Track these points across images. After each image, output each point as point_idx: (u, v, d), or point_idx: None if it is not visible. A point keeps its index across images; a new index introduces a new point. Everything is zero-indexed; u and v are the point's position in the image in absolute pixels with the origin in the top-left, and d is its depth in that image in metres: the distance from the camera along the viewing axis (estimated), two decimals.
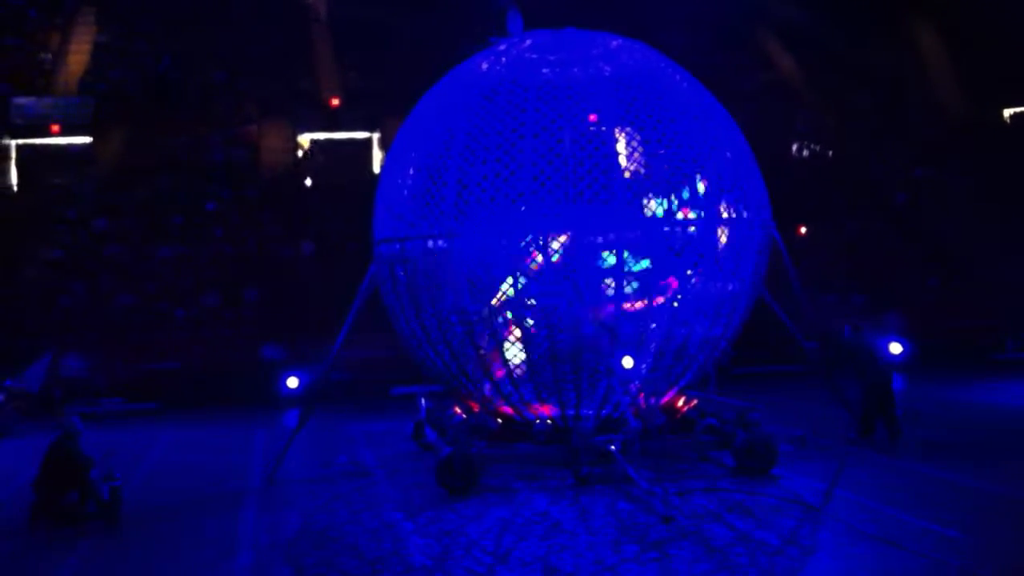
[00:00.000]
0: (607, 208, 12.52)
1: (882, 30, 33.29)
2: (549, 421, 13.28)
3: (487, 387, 13.33)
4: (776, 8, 32.47)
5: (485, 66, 13.80)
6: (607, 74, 13.37)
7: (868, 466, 13.01)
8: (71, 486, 11.60)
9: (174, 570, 10.13)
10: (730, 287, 13.13)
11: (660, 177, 12.80)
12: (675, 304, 12.82)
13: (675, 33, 29.25)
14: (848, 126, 32.84)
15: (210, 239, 27.58)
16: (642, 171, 12.83)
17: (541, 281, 12.67)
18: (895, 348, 22.42)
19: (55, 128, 31.07)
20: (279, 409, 19.78)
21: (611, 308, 12.65)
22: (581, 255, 12.62)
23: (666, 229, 12.74)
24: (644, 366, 12.95)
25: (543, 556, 9.78)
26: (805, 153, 33.75)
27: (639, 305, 12.71)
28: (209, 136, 30.90)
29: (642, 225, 12.65)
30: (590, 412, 13.15)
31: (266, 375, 21.32)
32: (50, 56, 32.25)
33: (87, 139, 31.00)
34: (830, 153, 33.55)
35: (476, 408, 14.02)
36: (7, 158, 31.03)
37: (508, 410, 13.61)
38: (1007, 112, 34.96)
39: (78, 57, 32.15)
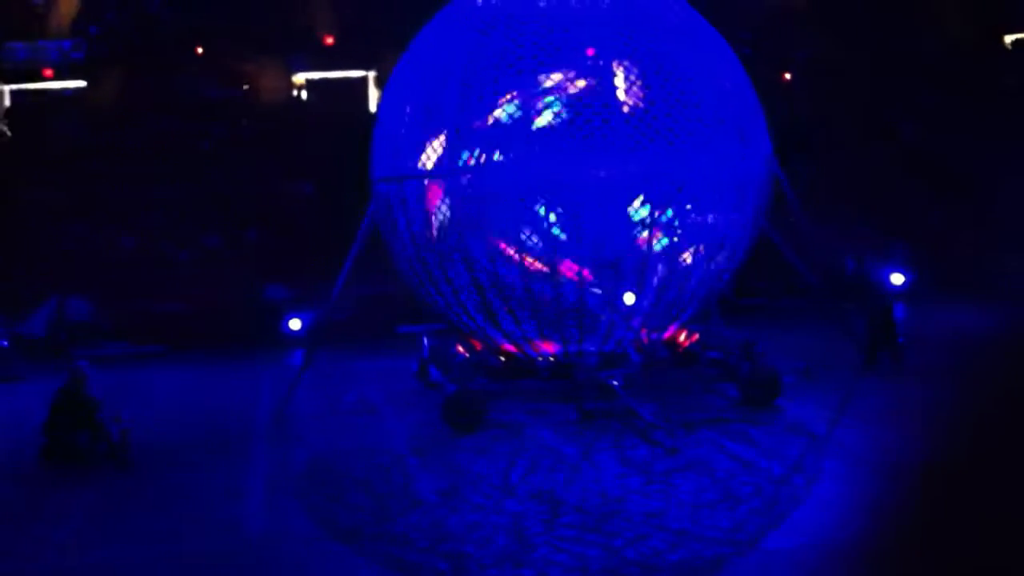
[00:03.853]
0: (607, 143, 12.42)
1: None
2: (552, 359, 13.32)
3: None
4: None
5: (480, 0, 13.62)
6: (605, 5, 13.19)
7: (871, 394, 13.08)
8: (81, 428, 11.74)
9: (185, 507, 10.21)
10: (732, 221, 13.07)
11: (660, 111, 12.66)
12: (675, 239, 12.79)
13: None
14: (850, 54, 32.39)
15: (208, 179, 27.41)
16: (641, 105, 12.71)
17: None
18: (897, 279, 22.41)
19: (48, 73, 30.75)
20: (283, 349, 19.82)
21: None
22: (585, 192, 12.56)
23: (666, 164, 12.65)
24: (646, 301, 12.96)
25: (549, 489, 9.89)
26: (807, 83, 33.31)
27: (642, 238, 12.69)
28: (203, 76, 30.58)
29: (643, 160, 12.57)
30: (592, 348, 13.18)
31: (269, 316, 21.33)
32: (42, 1, 31.83)
33: (81, 83, 30.70)
34: (832, 82, 33.12)
35: (479, 346, 14.06)
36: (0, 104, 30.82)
37: (510, 347, 13.65)
38: (1008, 38, 34.52)
39: (69, 1, 31.72)
